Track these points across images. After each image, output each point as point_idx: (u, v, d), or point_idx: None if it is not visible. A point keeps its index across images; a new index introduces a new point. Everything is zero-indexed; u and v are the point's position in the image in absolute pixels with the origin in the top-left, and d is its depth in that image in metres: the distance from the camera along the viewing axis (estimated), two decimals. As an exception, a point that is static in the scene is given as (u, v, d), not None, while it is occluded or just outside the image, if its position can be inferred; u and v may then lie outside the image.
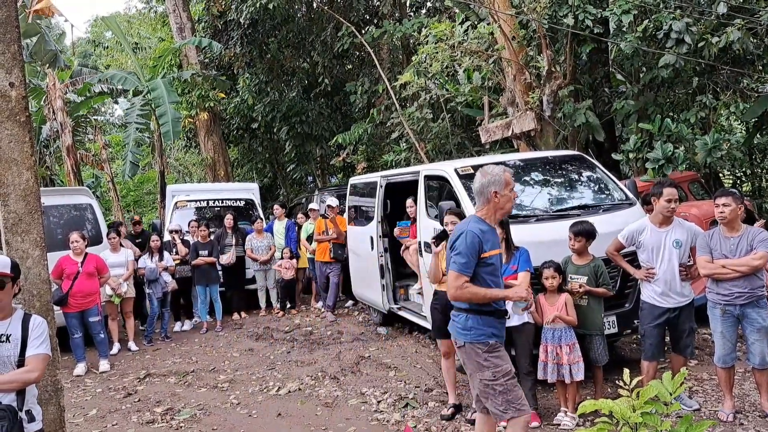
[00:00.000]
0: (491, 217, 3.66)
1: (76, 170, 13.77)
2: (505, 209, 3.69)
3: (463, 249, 3.51)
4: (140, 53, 22.11)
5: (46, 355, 3.17)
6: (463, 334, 3.66)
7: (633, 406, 2.44)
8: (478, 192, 3.67)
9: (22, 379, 3.07)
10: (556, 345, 4.83)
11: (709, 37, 7.72)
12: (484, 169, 3.68)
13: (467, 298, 3.57)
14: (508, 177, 3.64)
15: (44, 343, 3.17)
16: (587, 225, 5.04)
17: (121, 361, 7.96)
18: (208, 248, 9.36)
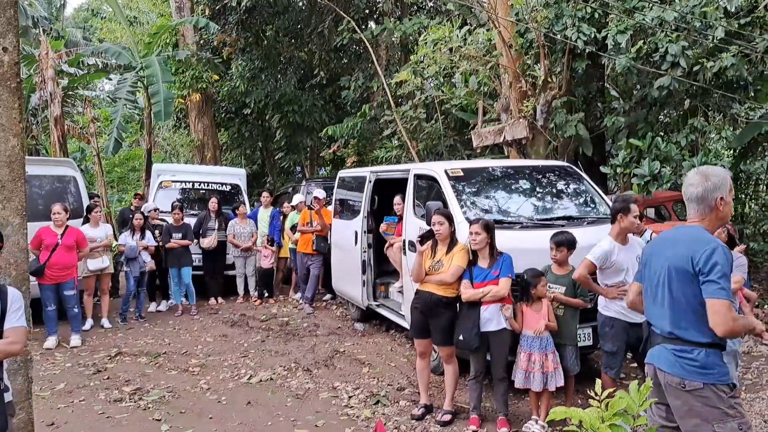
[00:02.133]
0: (713, 229, 3.00)
1: (62, 142, 13.57)
2: (725, 219, 3.08)
3: (727, 270, 2.76)
4: (137, 28, 21.85)
5: (25, 328, 3.15)
6: (703, 374, 2.83)
7: (602, 417, 2.46)
8: (699, 198, 2.97)
9: (6, 350, 3.05)
10: (542, 353, 4.83)
11: (704, 61, 7.79)
12: (705, 171, 3.02)
13: (739, 331, 2.95)
14: (730, 180, 3.05)
15: (23, 315, 3.15)
16: (568, 235, 5.05)
17: (93, 337, 7.87)
18: (182, 231, 9.28)
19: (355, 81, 14.52)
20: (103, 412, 5.39)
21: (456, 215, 5.69)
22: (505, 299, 4.88)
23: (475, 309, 4.90)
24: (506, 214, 6.06)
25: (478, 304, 4.88)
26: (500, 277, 4.84)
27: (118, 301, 9.15)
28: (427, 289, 5.10)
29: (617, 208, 4.88)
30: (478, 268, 4.96)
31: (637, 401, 2.50)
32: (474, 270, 4.96)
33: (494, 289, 4.83)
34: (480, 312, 4.88)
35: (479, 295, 4.85)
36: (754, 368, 6.39)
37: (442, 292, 5.03)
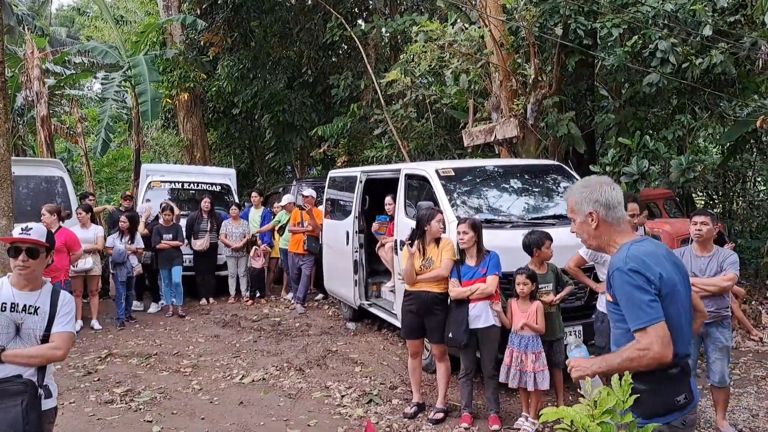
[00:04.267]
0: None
1: (49, 142, 13.49)
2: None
3: None
4: (125, 26, 21.69)
5: (72, 333, 3.08)
6: None
7: (593, 416, 2.46)
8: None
9: (48, 355, 2.98)
10: (522, 352, 4.87)
11: (693, 58, 7.85)
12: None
13: None
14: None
15: (71, 321, 3.07)
16: (537, 234, 5.11)
17: (83, 339, 7.81)
18: (172, 232, 9.21)
19: (345, 79, 14.50)
20: (94, 413, 5.36)
21: (447, 215, 5.71)
22: (493, 296, 4.93)
23: (463, 307, 4.97)
24: (497, 213, 6.09)
25: (467, 301, 4.95)
26: (487, 274, 4.92)
27: (108, 302, 9.09)
28: (422, 288, 5.12)
29: None
30: (465, 267, 5.01)
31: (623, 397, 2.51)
32: (462, 268, 5.02)
33: (482, 286, 4.88)
34: (468, 309, 4.93)
35: (467, 293, 4.91)
36: (742, 363, 6.46)
37: (437, 289, 5.07)
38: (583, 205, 2.56)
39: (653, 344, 2.33)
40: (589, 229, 2.58)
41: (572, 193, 2.64)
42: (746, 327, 7.22)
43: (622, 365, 2.39)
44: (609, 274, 2.48)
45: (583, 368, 2.50)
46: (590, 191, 2.57)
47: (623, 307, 2.44)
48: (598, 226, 2.56)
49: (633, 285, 2.38)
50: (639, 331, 2.35)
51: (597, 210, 2.54)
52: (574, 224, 2.65)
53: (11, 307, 2.97)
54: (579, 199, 2.58)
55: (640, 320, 2.36)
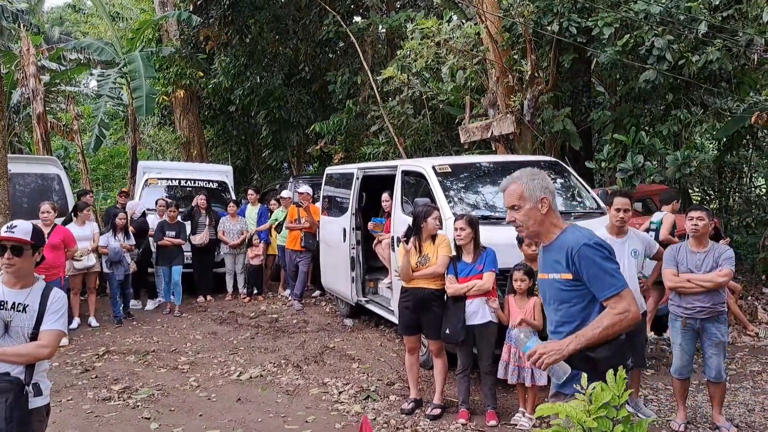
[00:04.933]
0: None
1: (45, 139, 13.42)
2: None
3: None
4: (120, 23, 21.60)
5: (61, 332, 3.03)
6: None
7: (588, 411, 2.48)
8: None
9: (34, 353, 2.94)
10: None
11: (689, 55, 7.86)
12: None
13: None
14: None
15: (61, 318, 3.01)
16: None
17: (81, 336, 7.82)
18: (175, 229, 9.19)
19: (342, 76, 14.47)
20: (92, 411, 5.36)
21: (444, 211, 5.72)
22: (490, 293, 4.94)
23: (460, 303, 4.98)
24: (494, 209, 6.09)
25: (463, 298, 4.97)
26: (484, 271, 4.94)
27: (105, 299, 9.08)
28: (419, 285, 5.14)
29: (607, 202, 4.99)
30: (462, 263, 5.02)
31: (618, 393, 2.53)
32: (458, 265, 5.04)
33: (478, 283, 4.89)
34: (465, 306, 4.95)
35: (464, 290, 4.92)
36: (738, 359, 6.49)
37: (434, 285, 5.09)
38: (536, 192, 2.68)
39: (631, 305, 2.55)
40: (538, 215, 2.70)
41: (519, 182, 2.73)
42: (742, 322, 7.25)
43: (604, 334, 2.54)
44: (572, 252, 2.59)
45: (557, 351, 2.55)
46: (540, 179, 2.73)
47: (592, 279, 2.58)
48: (548, 211, 2.70)
49: (602, 257, 2.59)
50: (614, 297, 2.55)
51: (548, 196, 2.69)
52: (519, 212, 2.72)
53: (0, 304, 2.96)
54: (531, 186, 2.69)
55: (614, 287, 2.56)
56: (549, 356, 2.55)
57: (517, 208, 2.72)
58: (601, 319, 2.55)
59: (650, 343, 6.65)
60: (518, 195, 2.71)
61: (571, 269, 2.61)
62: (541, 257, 2.85)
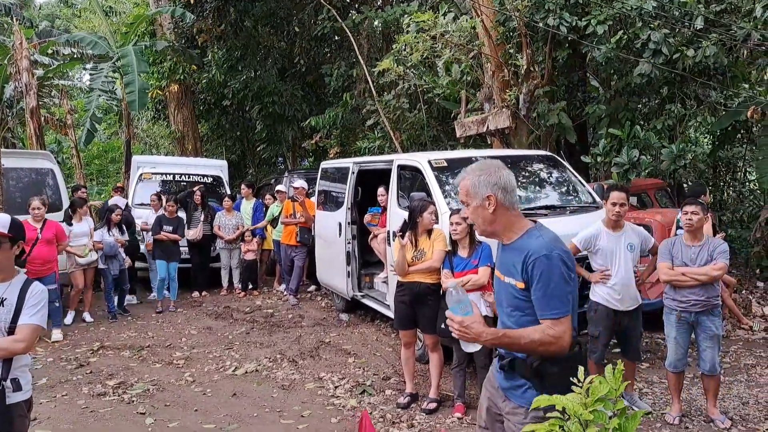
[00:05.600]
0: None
1: (39, 134, 13.34)
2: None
3: None
4: (114, 17, 21.47)
5: (37, 326, 2.96)
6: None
7: (585, 404, 2.48)
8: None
9: (8, 348, 2.87)
10: None
11: (684, 49, 7.86)
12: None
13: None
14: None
15: (39, 312, 2.94)
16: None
17: (75, 331, 7.80)
18: (173, 224, 9.14)
19: (337, 69, 14.43)
20: (87, 406, 5.35)
21: (440, 206, 5.71)
22: (486, 287, 4.93)
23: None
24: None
25: None
26: (479, 266, 4.93)
27: (99, 294, 9.04)
28: (414, 279, 5.13)
29: (603, 196, 4.99)
30: (458, 258, 5.02)
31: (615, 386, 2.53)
32: (454, 259, 5.03)
33: (474, 277, 4.88)
34: None
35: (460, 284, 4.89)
36: (732, 352, 6.51)
37: (430, 280, 5.08)
38: (481, 189, 2.47)
39: (565, 334, 2.36)
40: (486, 214, 2.49)
41: (467, 177, 2.53)
42: (737, 316, 7.28)
43: (527, 346, 2.40)
44: (529, 260, 2.38)
45: (474, 334, 2.42)
46: (488, 174, 2.49)
47: (541, 293, 2.37)
48: (495, 210, 2.48)
49: (560, 274, 2.36)
50: (554, 320, 2.36)
51: (495, 193, 2.46)
52: (467, 209, 2.55)
53: None
54: (476, 183, 2.48)
55: (558, 310, 2.36)
56: (461, 335, 2.44)
57: (467, 205, 2.54)
58: (534, 332, 2.38)
59: (645, 337, 6.67)
60: (465, 191, 2.52)
61: (524, 278, 2.41)
62: (499, 254, 2.64)
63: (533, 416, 2.45)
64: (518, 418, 2.49)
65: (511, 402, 2.54)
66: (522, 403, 2.49)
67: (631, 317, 4.97)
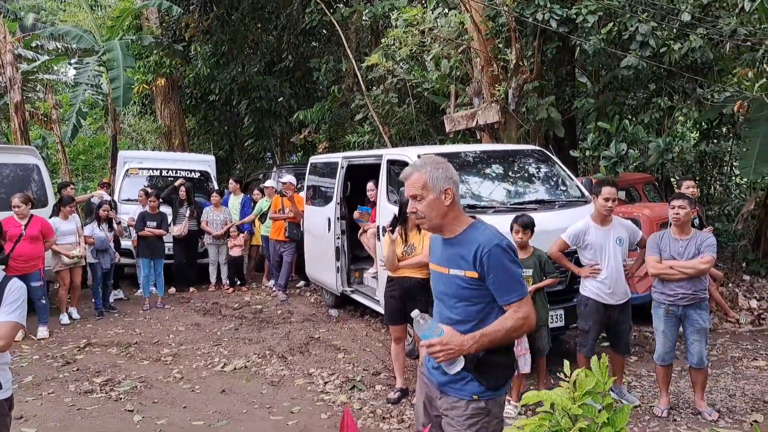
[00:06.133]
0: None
1: (23, 129, 13.19)
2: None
3: None
4: (99, 11, 21.25)
5: (16, 324, 2.89)
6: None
7: (573, 398, 2.48)
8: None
9: None
10: None
11: (671, 42, 7.89)
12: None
13: None
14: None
15: (18, 309, 2.87)
16: (526, 218, 5.09)
17: (61, 328, 7.72)
18: (157, 220, 9.05)
19: (326, 63, 14.36)
20: (74, 404, 5.30)
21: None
22: None
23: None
24: (479, 198, 6.09)
25: None
26: None
27: (86, 291, 8.95)
28: (405, 274, 5.12)
29: (593, 191, 5.01)
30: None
31: (602, 379, 2.54)
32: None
33: None
34: None
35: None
36: (720, 345, 6.57)
37: (420, 275, 5.06)
38: (440, 182, 2.51)
39: (531, 313, 2.48)
40: (441, 207, 2.53)
41: (423, 171, 2.54)
42: (724, 309, 7.34)
43: (506, 336, 2.48)
44: (482, 251, 2.45)
45: (457, 346, 2.40)
46: (445, 169, 2.55)
47: (498, 282, 2.46)
48: (451, 203, 2.54)
49: (511, 260, 2.48)
50: (517, 302, 2.46)
51: (452, 187, 2.53)
52: (421, 202, 2.54)
53: None
54: (435, 176, 2.52)
55: (518, 292, 2.47)
56: (447, 354, 2.40)
57: (420, 199, 2.54)
58: (505, 321, 2.46)
59: (633, 331, 6.71)
60: (421, 184, 2.53)
61: (477, 268, 2.47)
62: (441, 249, 2.66)
63: (474, 408, 2.50)
64: (458, 412, 2.52)
65: (450, 397, 2.56)
66: (462, 395, 2.52)
67: (620, 311, 4.99)
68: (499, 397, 2.58)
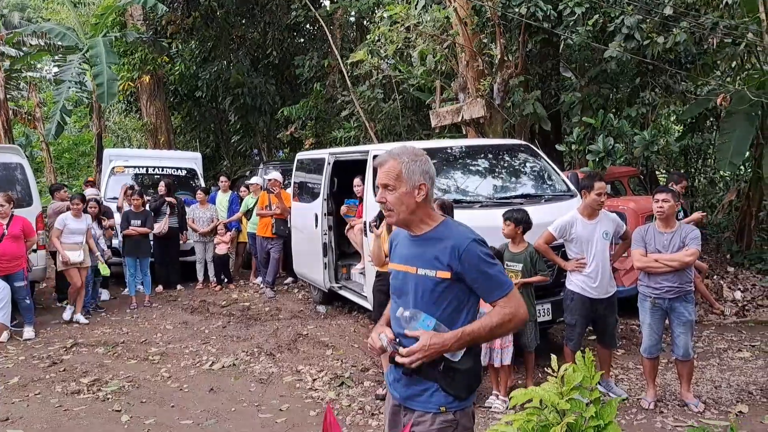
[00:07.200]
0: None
1: (7, 127, 13.07)
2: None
3: None
4: (82, 9, 21.03)
5: (0, 325, 2.90)
6: None
7: (561, 393, 2.50)
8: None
9: None
10: None
11: (654, 36, 7.94)
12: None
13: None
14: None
15: (1, 310, 2.89)
16: (519, 213, 5.11)
17: (47, 329, 7.64)
18: (141, 218, 8.97)
19: (310, 60, 14.31)
20: (61, 404, 5.25)
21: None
22: None
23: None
24: (465, 193, 6.10)
25: None
26: None
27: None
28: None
29: (583, 185, 5.02)
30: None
31: (589, 373, 2.55)
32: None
33: None
34: None
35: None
36: (705, 336, 6.64)
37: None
38: (415, 176, 2.35)
39: (519, 307, 2.34)
40: (412, 202, 2.36)
41: (397, 160, 2.38)
42: (709, 301, 7.41)
43: (491, 334, 2.37)
44: (459, 249, 2.31)
45: (440, 346, 2.28)
46: (422, 162, 2.39)
47: (481, 280, 2.33)
48: (424, 200, 2.38)
49: (490, 255, 2.36)
50: (503, 298, 2.32)
51: (427, 183, 2.38)
52: (392, 193, 2.37)
53: None
54: (412, 169, 2.35)
55: (502, 287, 2.33)
56: (429, 357, 2.27)
57: (392, 189, 2.36)
58: (491, 318, 2.32)
59: (620, 324, 6.76)
60: (395, 174, 2.35)
61: (452, 268, 2.32)
62: (407, 246, 2.50)
63: (442, 421, 2.35)
64: (425, 426, 2.37)
65: (415, 411, 2.41)
66: (429, 408, 2.37)
67: (606, 305, 5.01)
68: (467, 408, 2.43)
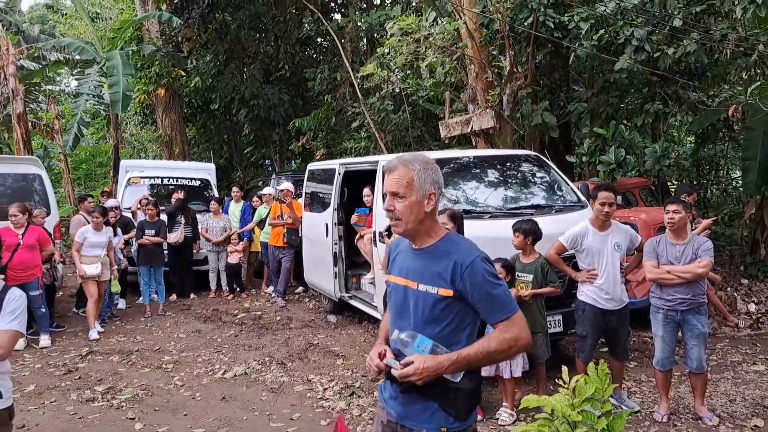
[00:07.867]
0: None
1: (26, 139, 13.29)
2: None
3: None
4: (100, 23, 21.40)
5: (15, 332, 2.92)
6: None
7: (572, 405, 2.49)
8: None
9: None
10: None
11: (665, 47, 7.94)
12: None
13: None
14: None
15: (17, 318, 2.89)
16: (528, 224, 5.11)
17: (63, 337, 7.74)
18: (155, 228, 9.08)
19: (321, 73, 14.46)
20: (75, 412, 5.32)
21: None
22: None
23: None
24: (475, 204, 6.12)
25: None
26: None
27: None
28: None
29: (591, 196, 5.02)
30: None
31: (601, 385, 2.55)
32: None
33: None
34: None
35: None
36: (719, 349, 6.57)
37: None
38: (426, 185, 2.26)
39: (522, 332, 2.24)
40: (421, 211, 2.27)
41: (408, 167, 2.28)
42: (722, 313, 7.34)
43: (489, 359, 2.29)
44: (462, 266, 2.21)
45: (435, 368, 2.18)
46: (433, 171, 2.30)
47: (484, 300, 2.23)
48: (432, 210, 2.30)
49: (494, 275, 2.25)
50: (505, 321, 2.23)
51: (436, 192, 2.29)
52: (402, 201, 2.26)
53: None
54: (423, 177, 2.27)
55: (506, 309, 2.24)
56: (424, 380, 2.19)
57: (401, 197, 2.26)
58: (489, 342, 2.22)
59: (632, 336, 6.73)
60: (406, 182, 2.25)
61: (454, 286, 2.22)
62: (408, 259, 2.39)
63: None
64: None
65: (414, 430, 2.30)
66: (429, 427, 2.26)
67: (618, 316, 4.98)
68: (469, 427, 2.32)
